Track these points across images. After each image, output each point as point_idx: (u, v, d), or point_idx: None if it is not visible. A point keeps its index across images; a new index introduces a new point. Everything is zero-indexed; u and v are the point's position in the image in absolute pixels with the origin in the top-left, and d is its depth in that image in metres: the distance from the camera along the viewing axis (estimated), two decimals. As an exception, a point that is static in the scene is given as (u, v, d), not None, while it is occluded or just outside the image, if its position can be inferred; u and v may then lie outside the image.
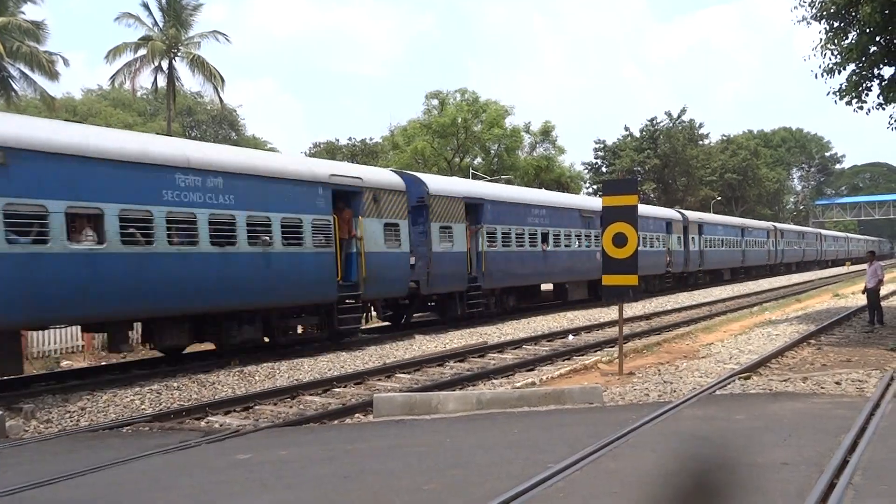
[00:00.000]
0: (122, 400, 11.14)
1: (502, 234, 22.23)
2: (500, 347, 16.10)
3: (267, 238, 14.47)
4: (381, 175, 18.25)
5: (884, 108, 16.89)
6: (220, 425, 9.73)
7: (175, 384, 12.20)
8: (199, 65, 38.57)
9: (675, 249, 35.21)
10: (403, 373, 13.25)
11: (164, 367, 13.98)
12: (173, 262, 12.74)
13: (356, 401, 10.80)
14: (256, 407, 10.77)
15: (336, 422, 9.72)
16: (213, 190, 13.45)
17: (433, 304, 20.88)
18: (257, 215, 14.28)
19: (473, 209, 21.22)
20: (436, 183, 20.36)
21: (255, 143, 61.62)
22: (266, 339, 15.61)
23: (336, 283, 16.03)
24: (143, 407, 10.88)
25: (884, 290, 19.38)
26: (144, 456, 7.47)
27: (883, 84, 16.54)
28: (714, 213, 61.63)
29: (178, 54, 38.93)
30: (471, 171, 44.47)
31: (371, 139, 63.42)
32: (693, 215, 39.56)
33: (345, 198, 16.59)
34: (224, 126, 65.08)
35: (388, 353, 15.79)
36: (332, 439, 8.41)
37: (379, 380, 12.69)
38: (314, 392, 11.69)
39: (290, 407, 10.87)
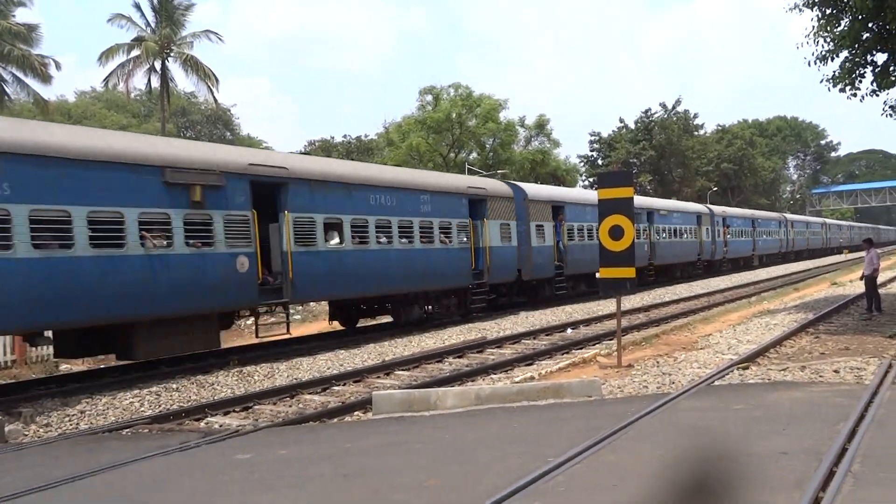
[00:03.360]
0: (122, 402, 11.14)
1: (577, 230, 26.29)
2: (499, 343, 16.11)
3: (441, 237, 19.36)
4: (497, 185, 22.92)
5: (877, 95, 16.89)
6: (220, 426, 9.73)
7: (174, 385, 12.19)
8: (192, 65, 38.49)
9: (706, 240, 39.61)
10: (402, 370, 13.26)
11: (163, 369, 13.98)
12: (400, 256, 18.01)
13: (355, 399, 10.80)
14: (256, 407, 10.77)
15: (335, 420, 9.73)
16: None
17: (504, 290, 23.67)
18: (426, 220, 18.89)
19: (556, 210, 25.19)
20: (532, 189, 24.87)
21: (251, 143, 61.51)
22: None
23: (471, 272, 20.45)
24: (142, 409, 10.87)
25: (882, 278, 19.38)
26: (144, 458, 7.46)
27: (876, 70, 16.53)
28: (710, 203, 61.76)
29: (172, 55, 38.83)
30: (466, 166, 44.45)
31: (366, 136, 63.41)
32: (717, 209, 43.54)
33: (475, 204, 20.95)
34: (218, 126, 64.96)
35: (387, 350, 15.80)
36: (332, 437, 8.42)
37: (378, 377, 12.70)
38: (313, 391, 11.69)
39: (290, 406, 10.87)
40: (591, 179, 67.37)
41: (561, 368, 12.55)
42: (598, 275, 13.45)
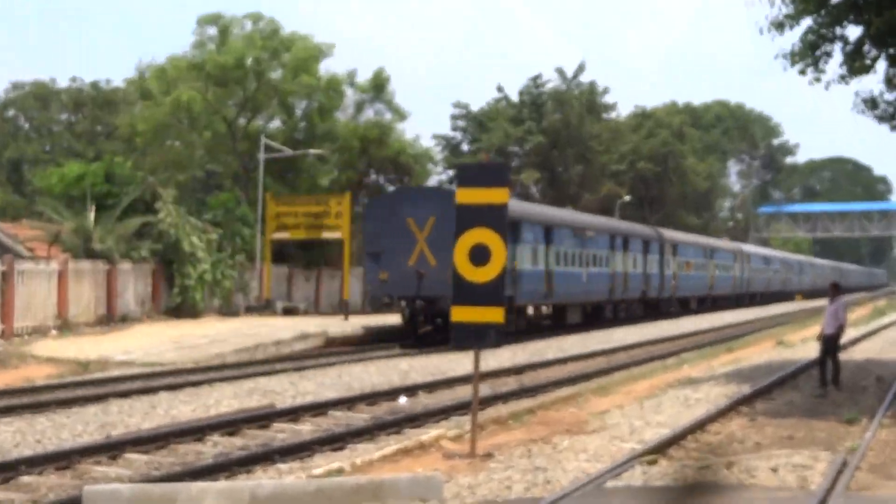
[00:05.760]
0: None
1: None
2: (294, 413, 15.98)
3: None
4: None
5: (847, 83, 18.19)
6: None
7: None
8: None
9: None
10: (137, 452, 12.87)
11: None
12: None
13: (56, 496, 10.38)
14: None
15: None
16: None
17: None
18: None
19: None
20: None
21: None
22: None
23: None
24: None
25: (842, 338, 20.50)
26: None
27: (846, 49, 17.80)
28: (620, 217, 64.34)
29: None
30: (262, 139, 43.79)
31: (109, 82, 61.42)
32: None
33: None
34: None
35: (116, 419, 15.25)
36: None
37: (98, 462, 12.28)
38: (-14, 483, 11.05)
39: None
40: (451, 171, 68.41)
41: (386, 457, 12.50)
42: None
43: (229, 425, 14.61)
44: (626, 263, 45.86)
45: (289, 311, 39.97)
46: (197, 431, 14.07)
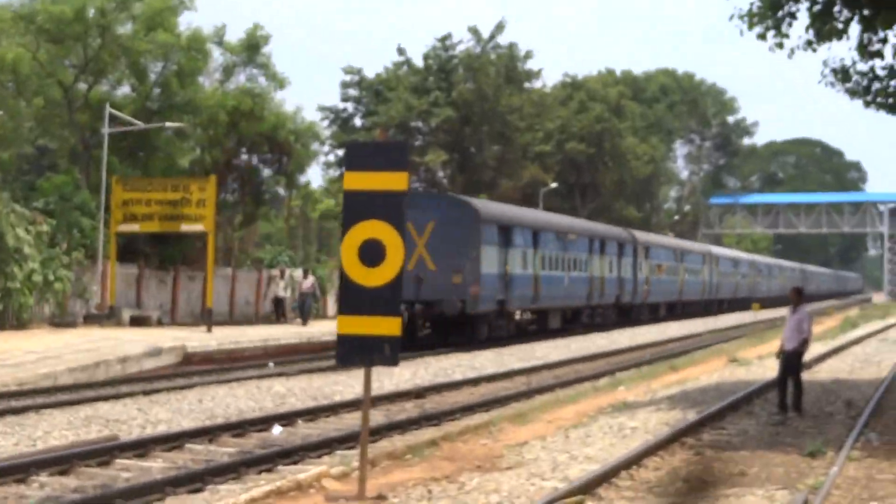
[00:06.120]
0: None
1: None
2: (142, 447, 15.85)
3: None
4: None
5: (814, 50, 18.52)
6: None
7: None
8: None
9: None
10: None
11: None
12: None
13: None
14: None
15: None
16: None
17: None
18: None
19: None
20: None
21: None
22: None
23: None
24: None
25: (806, 355, 20.68)
26: None
27: (814, 10, 18.14)
28: (545, 208, 64.86)
29: None
30: (107, 108, 43.12)
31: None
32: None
33: None
34: None
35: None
36: None
37: None
38: None
39: None
40: (340, 150, 68.05)
41: (255, 499, 12.40)
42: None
43: (61, 462, 14.38)
44: (602, 268, 51.84)
45: (138, 321, 39.49)
46: (19, 470, 13.82)
